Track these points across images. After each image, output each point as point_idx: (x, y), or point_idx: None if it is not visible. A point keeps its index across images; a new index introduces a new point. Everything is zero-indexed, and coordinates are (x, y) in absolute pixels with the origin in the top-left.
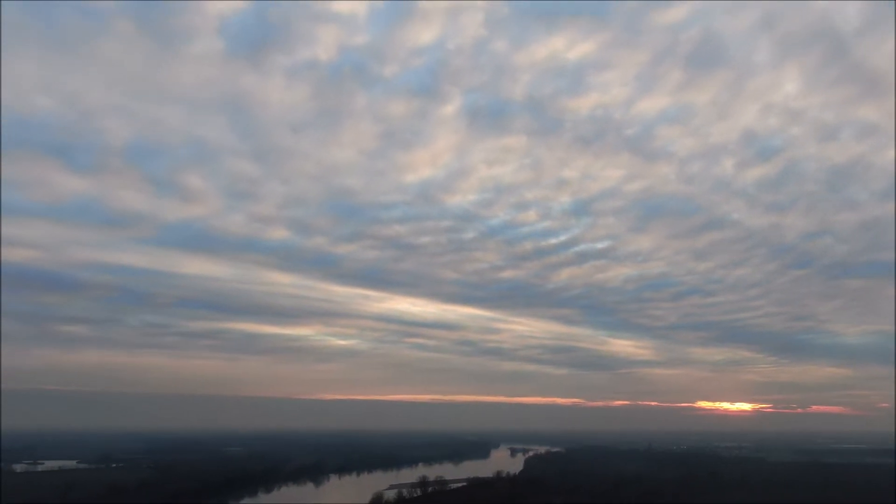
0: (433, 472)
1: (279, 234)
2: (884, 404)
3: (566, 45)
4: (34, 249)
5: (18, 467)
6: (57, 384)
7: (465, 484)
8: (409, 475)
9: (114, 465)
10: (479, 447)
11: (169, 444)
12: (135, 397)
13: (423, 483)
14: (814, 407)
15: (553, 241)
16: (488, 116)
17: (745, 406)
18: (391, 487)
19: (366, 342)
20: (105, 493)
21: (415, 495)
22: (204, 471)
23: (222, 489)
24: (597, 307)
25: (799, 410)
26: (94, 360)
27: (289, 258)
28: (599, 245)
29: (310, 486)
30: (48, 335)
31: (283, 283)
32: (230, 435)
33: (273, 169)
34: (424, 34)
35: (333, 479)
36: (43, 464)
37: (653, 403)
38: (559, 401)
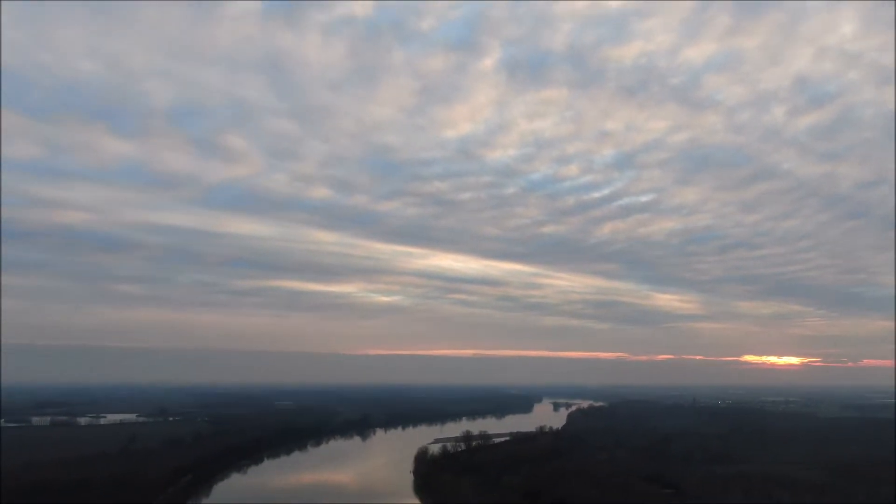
0: (476, 426)
1: (321, 192)
2: None
3: None
4: (85, 212)
5: (83, 420)
6: (113, 341)
7: (508, 438)
8: (454, 429)
9: (171, 419)
10: (521, 401)
11: (221, 398)
12: (187, 353)
13: (467, 437)
14: (865, 361)
15: (595, 194)
16: (528, 69)
17: (793, 360)
18: (436, 441)
19: (409, 298)
20: (164, 445)
21: (459, 449)
22: (256, 424)
23: (275, 442)
24: (640, 261)
25: (850, 364)
26: (147, 318)
27: (331, 216)
28: (643, 198)
29: (357, 439)
30: (103, 294)
31: (326, 241)
32: (279, 389)
33: (313, 128)
34: None
35: (379, 433)
36: (105, 417)
37: (697, 357)
38: (602, 355)
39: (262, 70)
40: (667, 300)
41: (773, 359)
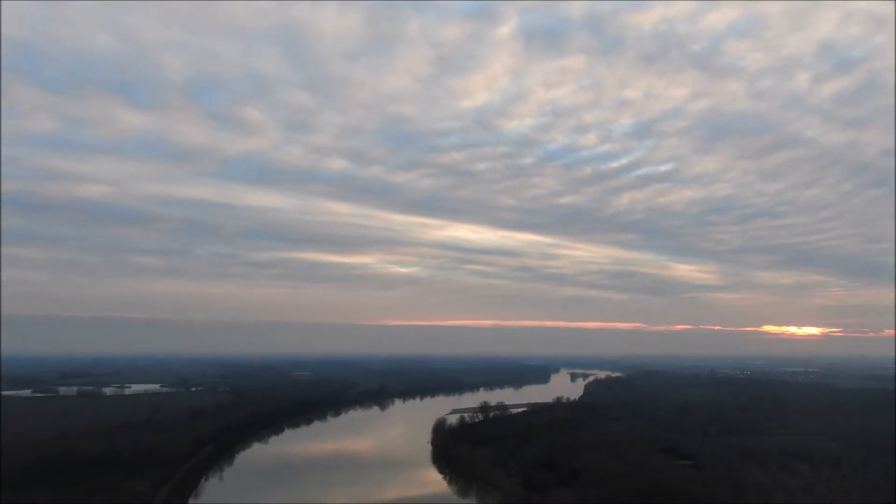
0: (494, 396)
1: (337, 164)
2: None
3: None
4: (104, 185)
5: (108, 390)
6: (135, 312)
7: (525, 409)
8: (471, 399)
9: (193, 389)
10: (538, 372)
11: (241, 368)
12: (207, 324)
13: (485, 408)
14: (887, 331)
15: (614, 164)
16: (545, 37)
17: (813, 330)
18: (453, 412)
19: (426, 269)
20: (187, 415)
21: (476, 420)
22: (276, 395)
23: (294, 412)
24: (659, 231)
25: (871, 334)
26: (167, 290)
27: (347, 188)
28: (662, 168)
29: (375, 409)
30: (124, 266)
31: (342, 212)
32: (297, 360)
33: (328, 99)
34: None
35: (397, 403)
36: (129, 387)
37: (716, 328)
38: (620, 325)
39: (277, 41)
40: (685, 270)
41: (792, 329)
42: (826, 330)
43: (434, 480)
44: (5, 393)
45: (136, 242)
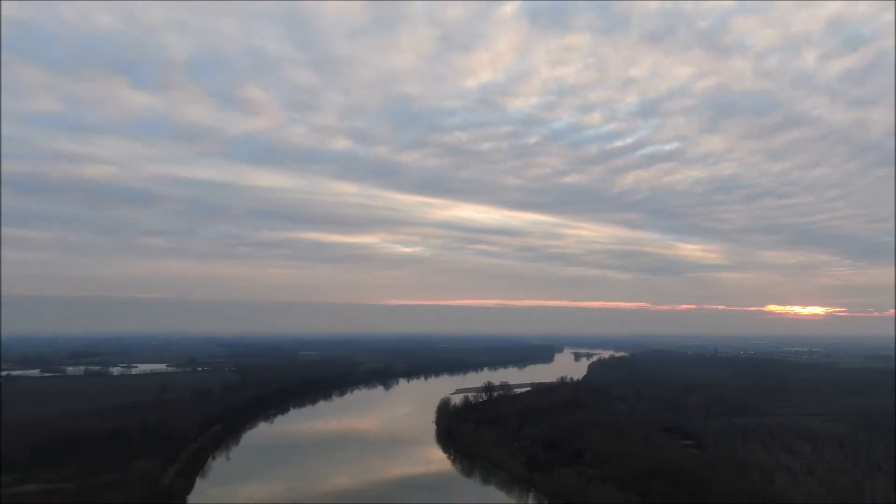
0: (498, 376)
1: (341, 144)
2: None
3: None
4: (110, 165)
5: (115, 370)
6: (141, 292)
7: (529, 389)
8: (475, 379)
9: (199, 369)
10: (542, 351)
11: (247, 348)
12: (213, 304)
13: (489, 388)
14: (891, 311)
15: (619, 143)
16: (550, 14)
17: (818, 310)
18: (458, 392)
19: (430, 249)
20: (194, 395)
21: (481, 400)
22: (281, 374)
23: (300, 392)
24: (664, 211)
25: (875, 314)
26: (173, 270)
27: (352, 168)
28: (667, 147)
29: (380, 389)
30: (130, 247)
31: (347, 192)
32: (303, 339)
33: (332, 78)
34: None
35: (402, 383)
36: (136, 367)
37: (720, 307)
38: (624, 305)
39: (279, 20)
40: (690, 250)
41: (797, 308)
42: (830, 309)
43: (438, 459)
44: (13, 373)
45: (142, 223)
